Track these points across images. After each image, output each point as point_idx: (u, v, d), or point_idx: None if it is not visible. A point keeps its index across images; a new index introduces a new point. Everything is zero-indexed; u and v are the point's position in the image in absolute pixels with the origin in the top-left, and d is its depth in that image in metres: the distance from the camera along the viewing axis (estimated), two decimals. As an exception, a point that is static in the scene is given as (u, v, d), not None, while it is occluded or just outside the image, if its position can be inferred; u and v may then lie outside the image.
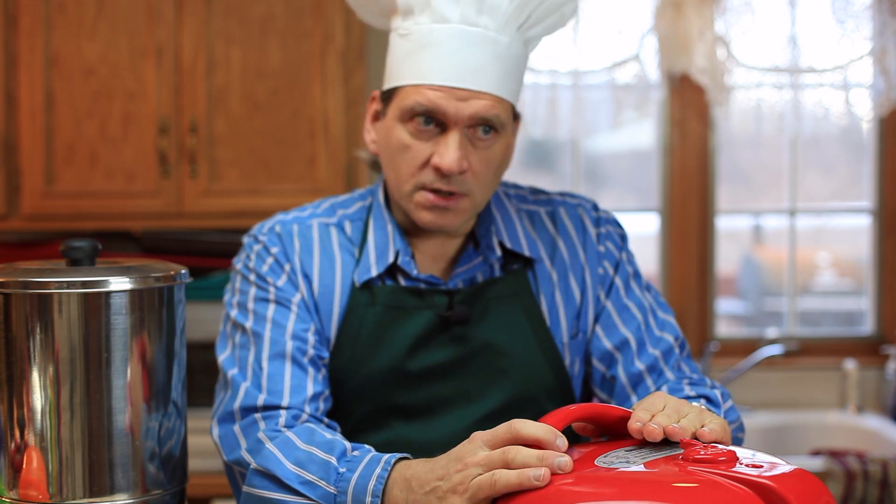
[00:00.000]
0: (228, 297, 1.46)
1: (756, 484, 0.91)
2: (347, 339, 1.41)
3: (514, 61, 1.37)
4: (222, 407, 1.36)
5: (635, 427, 1.04)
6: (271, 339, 1.38)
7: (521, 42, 1.38)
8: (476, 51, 1.33)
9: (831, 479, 2.67)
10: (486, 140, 1.36)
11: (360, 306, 1.41)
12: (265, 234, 1.47)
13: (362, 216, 1.48)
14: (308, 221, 1.48)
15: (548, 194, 1.54)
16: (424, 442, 1.39)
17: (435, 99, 1.33)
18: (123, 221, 2.86)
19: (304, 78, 2.84)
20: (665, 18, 3.13)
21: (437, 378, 1.40)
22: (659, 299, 1.50)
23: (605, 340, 1.44)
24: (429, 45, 1.34)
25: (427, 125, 1.35)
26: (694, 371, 1.44)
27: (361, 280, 1.42)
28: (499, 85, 1.35)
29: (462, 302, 1.41)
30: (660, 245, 3.34)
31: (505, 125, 1.37)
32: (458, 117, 1.33)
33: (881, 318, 3.38)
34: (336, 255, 1.45)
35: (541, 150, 3.49)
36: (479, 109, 1.33)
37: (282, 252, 1.44)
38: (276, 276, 1.42)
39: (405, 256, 1.42)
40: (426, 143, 1.35)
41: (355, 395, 1.41)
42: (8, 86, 2.80)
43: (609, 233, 1.51)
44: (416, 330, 1.40)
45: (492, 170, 1.38)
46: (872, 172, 3.37)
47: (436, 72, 1.33)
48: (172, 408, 1.14)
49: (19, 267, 1.11)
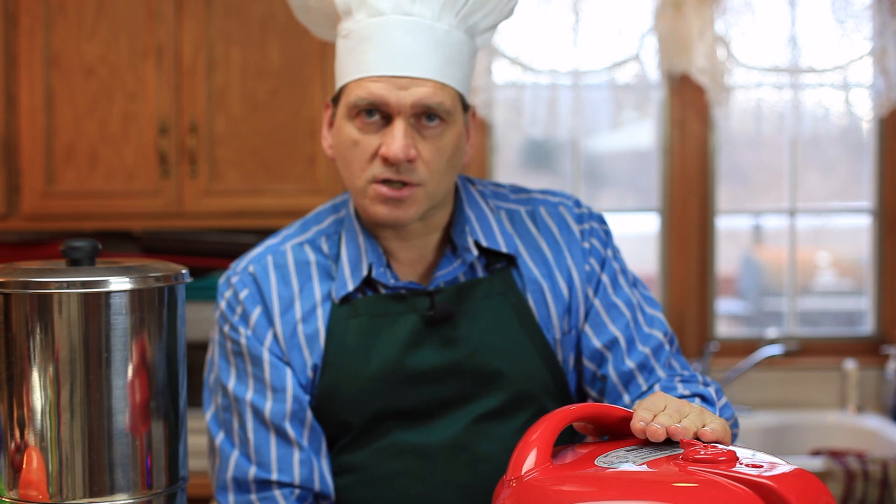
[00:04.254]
0: (210, 349, 1.48)
1: (756, 484, 0.91)
2: (335, 353, 1.41)
3: (456, 49, 1.37)
4: (216, 477, 1.43)
5: (638, 427, 1.05)
6: (254, 406, 1.41)
7: (462, 31, 1.38)
8: (413, 39, 1.34)
9: (831, 479, 2.67)
10: (432, 128, 1.36)
11: (342, 320, 1.41)
12: (238, 275, 1.47)
13: (336, 229, 1.48)
14: (281, 248, 1.48)
15: (528, 193, 1.53)
16: (425, 444, 1.40)
17: (376, 90, 1.34)
18: (123, 221, 2.86)
19: (304, 78, 2.84)
20: (665, 18, 3.13)
21: (433, 381, 1.40)
22: (646, 294, 1.49)
23: (595, 339, 1.44)
24: (367, 38, 1.35)
25: (371, 117, 1.35)
26: (684, 367, 1.44)
27: (339, 296, 1.42)
28: (439, 71, 1.35)
29: (444, 300, 1.41)
30: (660, 245, 3.34)
31: (451, 113, 1.37)
32: (400, 106, 1.34)
33: (881, 318, 3.38)
34: (314, 274, 1.45)
35: (541, 150, 3.49)
36: (420, 97, 1.33)
37: (251, 296, 1.44)
38: (245, 326, 1.43)
39: (379, 268, 1.42)
40: (374, 136, 1.36)
41: (352, 406, 1.41)
42: (8, 86, 2.80)
43: (593, 229, 1.49)
44: (403, 334, 1.40)
45: (443, 159, 1.38)
46: (872, 172, 3.37)
47: (375, 63, 1.34)
48: (172, 408, 1.14)
49: (19, 267, 1.11)
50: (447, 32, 1.35)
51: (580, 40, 3.13)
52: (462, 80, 1.39)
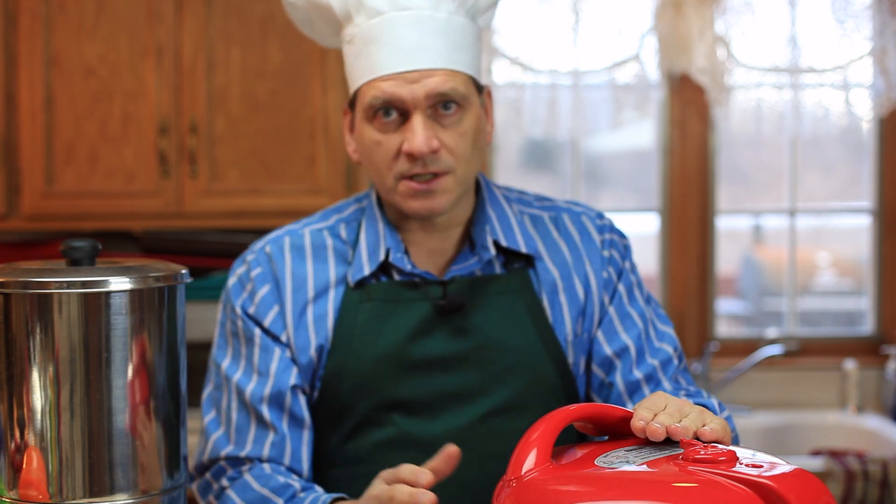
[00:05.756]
0: (217, 317, 1.52)
1: (756, 484, 0.91)
2: (343, 336, 1.42)
3: (460, 34, 1.38)
4: (195, 459, 1.47)
5: (638, 426, 1.05)
6: (238, 387, 1.43)
7: (463, 15, 1.39)
8: (415, 32, 1.35)
9: (831, 479, 2.67)
10: (451, 116, 1.37)
11: (353, 304, 1.43)
12: (254, 254, 1.50)
13: (357, 217, 1.50)
14: (300, 231, 1.50)
15: (552, 201, 1.55)
16: (427, 438, 1.40)
17: (388, 88, 1.35)
18: (123, 221, 2.86)
19: (304, 78, 2.84)
20: (665, 18, 3.13)
21: (438, 371, 1.41)
22: (659, 311, 1.51)
23: (606, 346, 1.45)
24: (371, 40, 1.36)
25: (389, 116, 1.37)
26: (690, 384, 1.46)
27: (355, 279, 1.43)
28: (447, 58, 1.36)
29: (457, 291, 1.41)
30: (660, 245, 3.34)
31: (467, 97, 1.38)
32: (415, 100, 1.35)
33: (881, 318, 3.38)
34: (329, 258, 1.46)
35: (541, 150, 3.49)
36: (433, 87, 1.34)
37: (262, 274, 1.46)
38: (250, 304, 1.45)
39: (397, 253, 1.43)
40: (394, 135, 1.37)
41: (356, 392, 1.41)
42: (8, 86, 2.80)
43: (613, 241, 1.51)
44: (413, 320, 1.41)
45: (467, 143, 1.39)
46: (872, 172, 3.37)
47: (382, 63, 1.36)
48: (172, 408, 1.14)
49: (19, 267, 1.11)
50: (448, 19, 1.36)
51: (580, 40, 3.13)
52: (471, 63, 1.40)
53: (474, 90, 1.41)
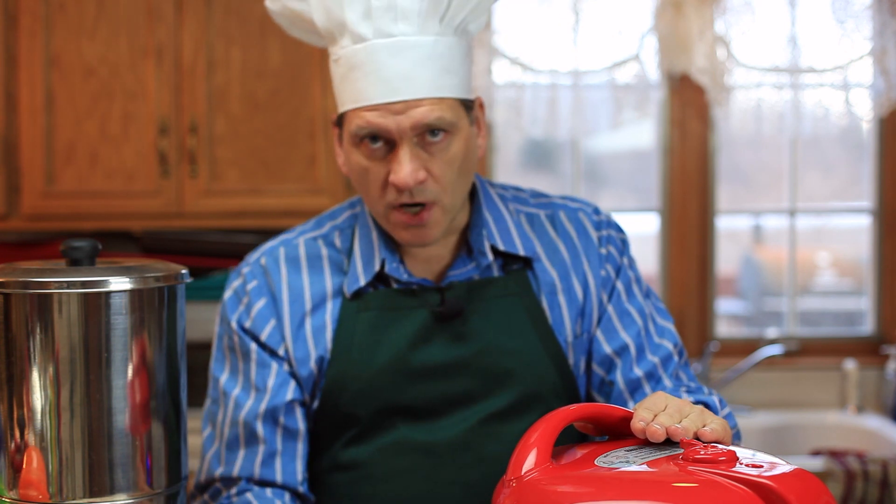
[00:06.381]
0: (215, 329, 1.51)
1: (756, 484, 0.91)
2: (343, 346, 1.41)
3: (447, 56, 1.34)
4: (195, 478, 1.47)
5: (638, 426, 1.05)
6: (236, 402, 1.43)
7: (449, 36, 1.35)
8: (400, 60, 1.32)
9: (831, 479, 2.67)
10: (439, 143, 1.34)
11: (351, 314, 1.42)
12: (249, 266, 1.49)
13: (351, 224, 1.49)
14: (294, 241, 1.49)
15: (548, 197, 1.53)
16: (430, 442, 1.39)
17: (373, 119, 1.32)
18: (123, 221, 2.86)
19: (304, 78, 2.84)
20: (665, 18, 3.13)
21: (440, 377, 1.40)
22: (659, 305, 1.50)
23: (606, 345, 1.44)
24: (355, 66, 1.34)
25: (376, 143, 1.35)
26: (692, 379, 1.45)
27: (351, 290, 1.43)
28: (433, 86, 1.33)
29: (456, 296, 1.41)
30: (660, 245, 3.34)
31: (455, 123, 1.35)
32: (401, 130, 1.32)
33: (881, 318, 3.38)
34: (325, 268, 1.46)
35: (541, 150, 3.49)
36: (419, 118, 1.32)
37: (258, 287, 1.46)
38: (246, 318, 1.45)
39: (392, 263, 1.43)
40: (381, 163, 1.35)
41: (358, 399, 1.41)
42: (8, 86, 2.80)
43: (611, 237, 1.50)
44: (412, 328, 1.40)
45: (454, 170, 1.37)
46: (872, 172, 3.37)
47: (367, 92, 1.33)
48: (172, 408, 1.14)
49: (19, 267, 1.11)
50: (434, 43, 1.33)
51: (580, 40, 3.13)
52: (459, 85, 1.37)
53: (463, 112, 1.38)
